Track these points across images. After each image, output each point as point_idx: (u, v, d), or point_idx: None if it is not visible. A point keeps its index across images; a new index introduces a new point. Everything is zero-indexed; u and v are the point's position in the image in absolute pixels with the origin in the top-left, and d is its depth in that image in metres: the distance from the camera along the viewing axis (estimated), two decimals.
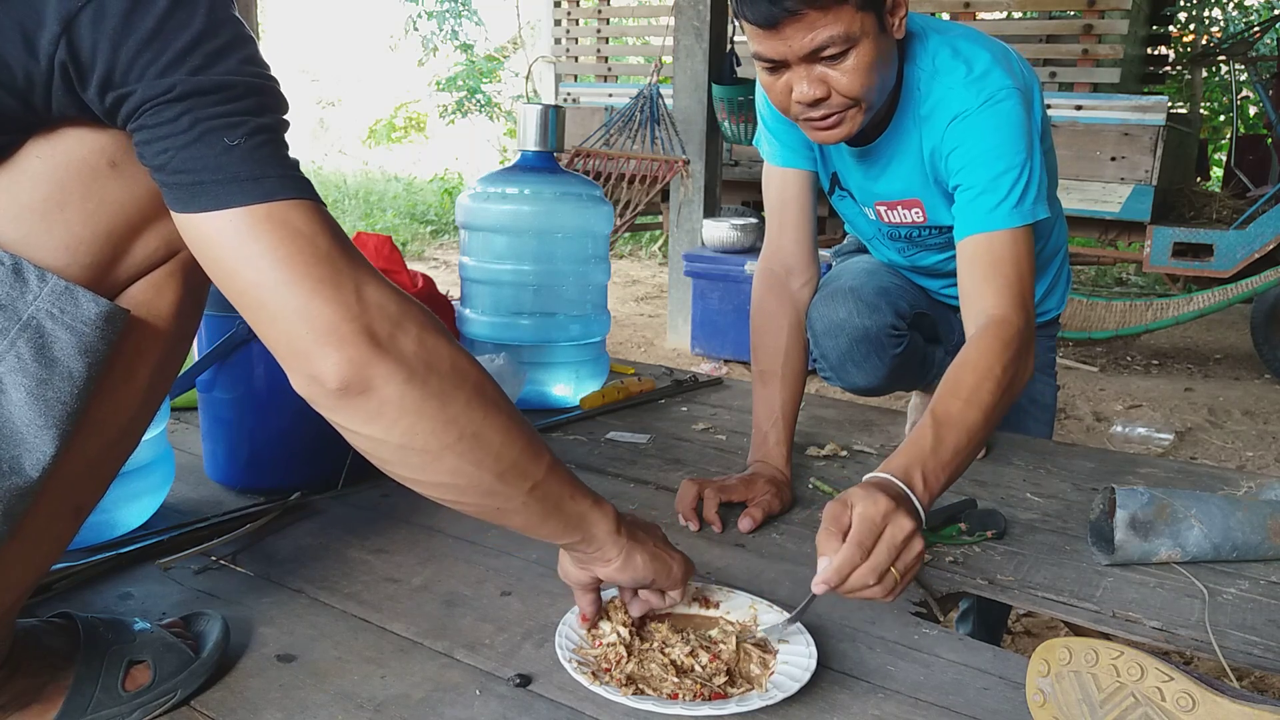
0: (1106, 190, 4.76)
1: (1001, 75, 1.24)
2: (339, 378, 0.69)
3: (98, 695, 0.80)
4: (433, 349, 0.73)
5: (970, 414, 1.06)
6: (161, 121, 0.65)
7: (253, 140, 0.67)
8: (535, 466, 0.80)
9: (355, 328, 0.69)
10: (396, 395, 0.71)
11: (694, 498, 1.30)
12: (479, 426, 0.75)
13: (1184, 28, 8.30)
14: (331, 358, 0.68)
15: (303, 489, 1.32)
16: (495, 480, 0.77)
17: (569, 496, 0.83)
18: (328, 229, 0.70)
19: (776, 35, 1.13)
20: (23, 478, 0.66)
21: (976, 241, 1.24)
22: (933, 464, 1.00)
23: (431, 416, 0.73)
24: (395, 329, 0.71)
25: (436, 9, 13.34)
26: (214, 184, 0.66)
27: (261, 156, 0.67)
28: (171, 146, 0.66)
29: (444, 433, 0.74)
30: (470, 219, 1.83)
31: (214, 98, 0.65)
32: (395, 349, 0.71)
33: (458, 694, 0.88)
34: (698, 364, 4.45)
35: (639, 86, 5.12)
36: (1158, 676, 0.76)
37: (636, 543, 0.89)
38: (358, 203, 9.60)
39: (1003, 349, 1.12)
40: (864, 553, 0.87)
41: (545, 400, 1.86)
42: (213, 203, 0.66)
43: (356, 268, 0.71)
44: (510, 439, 0.77)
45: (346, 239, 0.72)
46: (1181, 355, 5.15)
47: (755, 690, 0.87)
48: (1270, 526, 1.20)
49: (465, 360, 0.76)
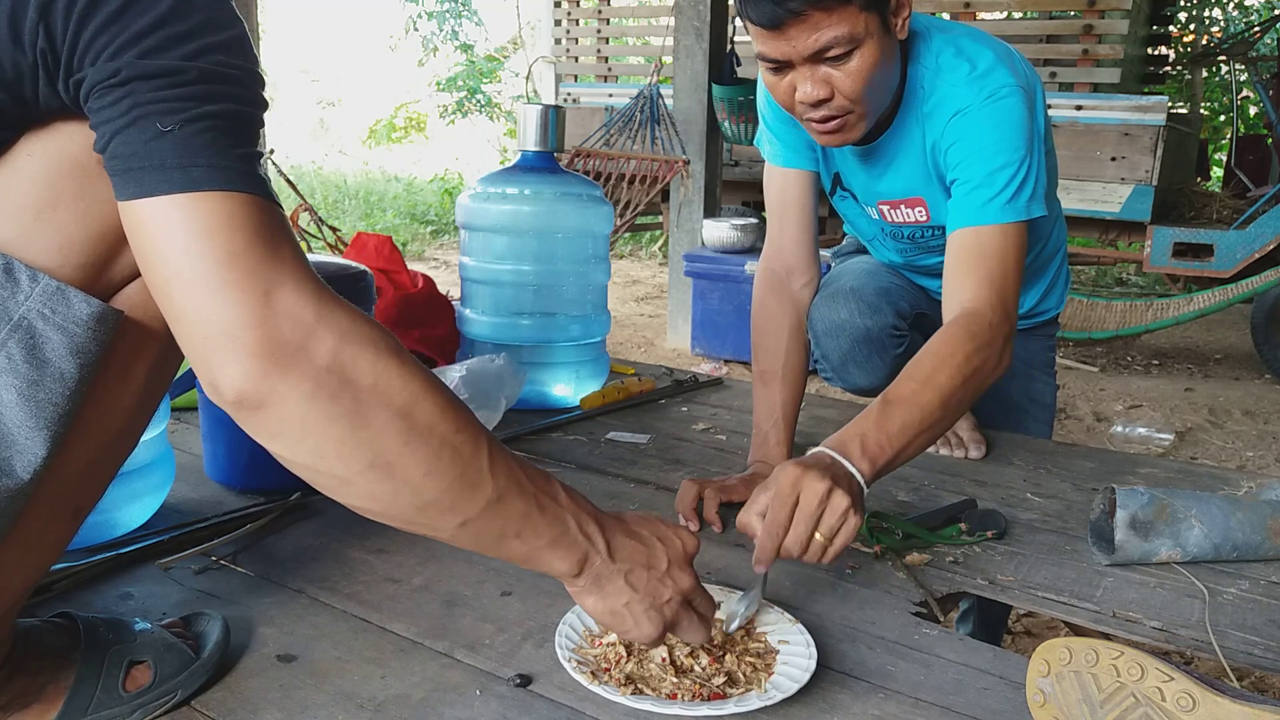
0: (1106, 190, 4.76)
1: (1005, 73, 1.24)
2: (233, 389, 0.65)
3: (98, 695, 0.80)
4: (350, 363, 0.67)
5: (924, 394, 1.07)
6: (104, 105, 0.62)
7: (190, 127, 0.63)
8: (467, 503, 0.72)
9: (256, 336, 0.64)
10: (297, 413, 0.66)
11: (694, 498, 1.30)
12: (395, 455, 0.68)
13: (1184, 28, 8.30)
14: (227, 367, 0.64)
15: (303, 489, 1.32)
16: (415, 513, 0.72)
17: (514, 535, 0.76)
18: (251, 225, 0.65)
19: (780, 36, 1.13)
20: (14, 480, 0.65)
21: (965, 235, 1.24)
22: (875, 435, 1.02)
23: (338, 440, 0.67)
24: (307, 338, 0.65)
25: (436, 9, 13.34)
26: (140, 170, 0.63)
27: (195, 145, 0.63)
28: (109, 131, 0.63)
29: (352, 458, 0.68)
30: (470, 219, 1.83)
31: (158, 82, 0.62)
32: (300, 362, 0.65)
33: (458, 694, 0.88)
34: (698, 364, 4.45)
35: (639, 86, 5.13)
36: (1158, 676, 0.76)
37: (601, 591, 0.82)
38: (358, 203, 9.59)
39: (968, 339, 1.13)
40: (781, 528, 0.91)
41: (545, 400, 1.86)
42: (138, 190, 0.63)
43: (275, 269, 0.65)
44: (435, 472, 0.70)
45: (279, 238, 0.67)
46: (1181, 355, 5.15)
47: (755, 690, 0.87)
48: (1270, 526, 1.20)
49: (396, 379, 0.69)
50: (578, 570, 0.81)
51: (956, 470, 1.55)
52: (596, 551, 0.81)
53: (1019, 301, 1.27)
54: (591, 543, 0.81)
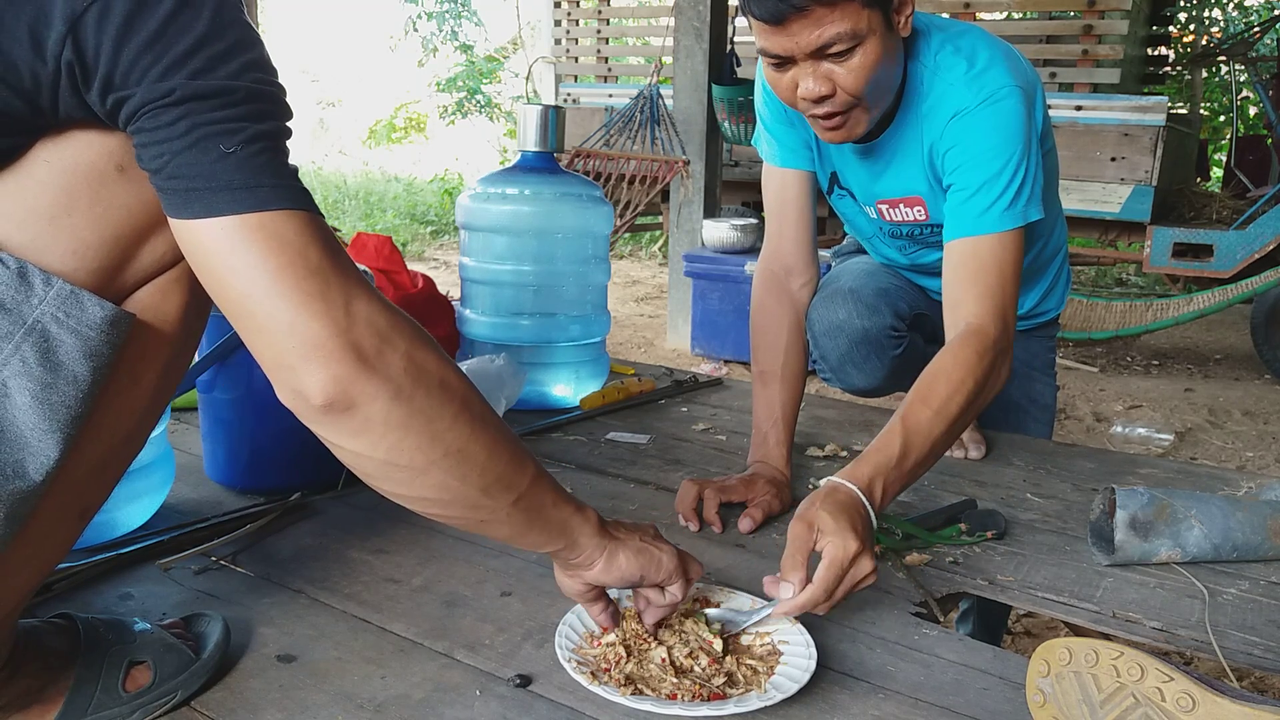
0: (1106, 191, 4.76)
1: (1002, 73, 1.24)
2: (324, 394, 0.68)
3: (98, 696, 0.80)
4: (421, 365, 0.72)
5: (937, 426, 1.11)
6: (159, 125, 0.64)
7: (250, 148, 0.66)
8: (520, 478, 0.80)
9: (342, 343, 0.68)
10: (382, 412, 0.70)
11: (694, 498, 1.30)
12: (465, 442, 0.75)
13: (1184, 28, 8.30)
14: (317, 374, 0.68)
15: (303, 489, 1.32)
16: (480, 494, 0.77)
17: (551, 504, 0.83)
18: (320, 241, 0.69)
19: (783, 31, 1.13)
20: (26, 481, 0.66)
21: (963, 245, 1.25)
22: (894, 476, 1.06)
23: (418, 433, 0.72)
24: (383, 344, 0.70)
25: (436, 9, 13.34)
26: (207, 191, 0.65)
27: (258, 165, 0.66)
28: (168, 151, 0.65)
29: (430, 449, 0.73)
30: (470, 219, 1.83)
31: (213, 103, 0.65)
32: (382, 366, 0.70)
33: (458, 694, 0.88)
34: (698, 364, 4.45)
35: (639, 87, 5.12)
36: (1158, 677, 0.76)
37: (618, 541, 0.89)
38: (358, 203, 9.60)
39: (977, 361, 1.16)
40: (828, 594, 0.93)
41: (545, 400, 1.86)
42: (205, 210, 0.66)
43: (347, 281, 0.70)
44: (496, 453, 0.77)
45: (340, 251, 0.71)
46: (1181, 355, 5.15)
47: (754, 691, 0.87)
48: (1270, 527, 1.20)
49: (454, 375, 0.76)
50: (598, 528, 0.87)
51: (956, 470, 1.55)
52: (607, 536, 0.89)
53: (1019, 303, 1.27)
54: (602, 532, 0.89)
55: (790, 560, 0.94)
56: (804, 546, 0.95)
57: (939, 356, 1.17)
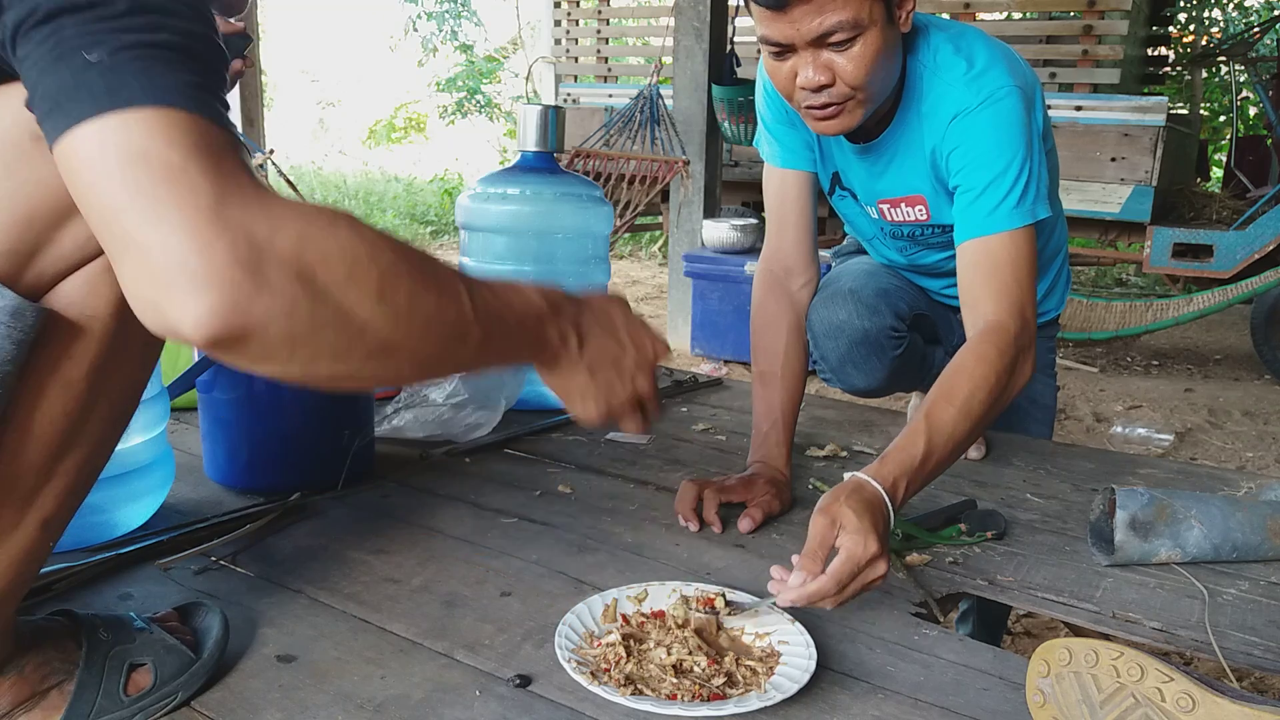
0: (1106, 191, 4.76)
1: (1001, 73, 1.24)
2: (202, 331, 0.55)
3: (100, 701, 0.80)
4: (319, 259, 0.59)
5: (961, 425, 1.10)
6: (30, 48, 0.56)
7: (122, 54, 0.55)
8: (459, 351, 0.71)
9: (212, 264, 0.54)
10: (281, 333, 0.58)
11: (694, 498, 1.30)
12: (387, 337, 0.64)
13: (1184, 28, 8.30)
14: (189, 307, 0.55)
15: (303, 489, 1.32)
16: (416, 376, 0.72)
17: (497, 360, 0.79)
18: (190, 140, 0.56)
19: (784, 18, 1.13)
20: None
21: (976, 245, 1.25)
22: (918, 476, 1.06)
23: (330, 343, 0.61)
24: (265, 253, 0.56)
25: (436, 10, 13.34)
26: (67, 104, 0.55)
27: (129, 70, 0.55)
28: (35, 72, 0.55)
29: (348, 355, 0.62)
30: (470, 219, 1.83)
31: (85, 15, 0.55)
32: (266, 281, 0.56)
33: (458, 694, 0.88)
34: (698, 364, 4.45)
35: (639, 87, 5.13)
36: (1158, 677, 0.76)
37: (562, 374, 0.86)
38: (358, 203, 9.60)
39: (998, 357, 1.15)
40: (839, 588, 0.92)
41: (545, 400, 1.85)
42: (65, 121, 0.55)
43: (219, 182, 0.56)
44: (427, 338, 0.68)
45: (222, 150, 0.58)
46: (1181, 356, 5.15)
47: (754, 691, 0.87)
48: (1270, 527, 1.20)
49: (366, 263, 0.62)
50: (547, 363, 0.85)
51: (956, 470, 1.55)
52: (568, 350, 0.85)
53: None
54: (565, 343, 0.85)
55: (809, 552, 0.94)
56: (825, 540, 0.94)
57: (959, 354, 1.16)
